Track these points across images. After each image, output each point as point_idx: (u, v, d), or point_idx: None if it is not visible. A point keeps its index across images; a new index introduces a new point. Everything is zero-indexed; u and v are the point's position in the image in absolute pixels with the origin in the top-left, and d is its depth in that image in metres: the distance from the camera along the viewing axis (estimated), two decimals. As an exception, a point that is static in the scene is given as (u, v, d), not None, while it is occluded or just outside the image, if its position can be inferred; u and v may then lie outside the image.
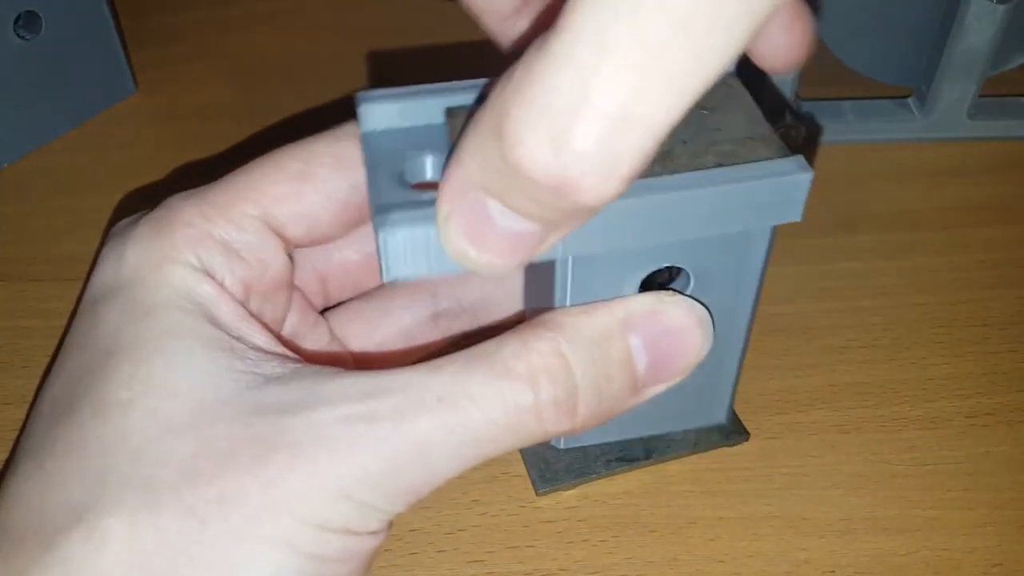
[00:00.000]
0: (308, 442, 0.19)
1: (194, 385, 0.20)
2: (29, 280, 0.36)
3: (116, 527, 0.19)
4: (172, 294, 0.22)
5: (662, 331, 0.22)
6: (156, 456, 0.20)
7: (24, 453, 0.21)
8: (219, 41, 0.47)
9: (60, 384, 0.22)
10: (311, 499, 0.19)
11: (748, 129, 0.22)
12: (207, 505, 0.19)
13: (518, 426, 0.20)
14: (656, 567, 0.27)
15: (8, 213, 0.39)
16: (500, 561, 0.27)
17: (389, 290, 0.28)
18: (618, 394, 0.22)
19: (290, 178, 0.24)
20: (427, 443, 0.20)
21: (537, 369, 0.21)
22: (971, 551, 0.27)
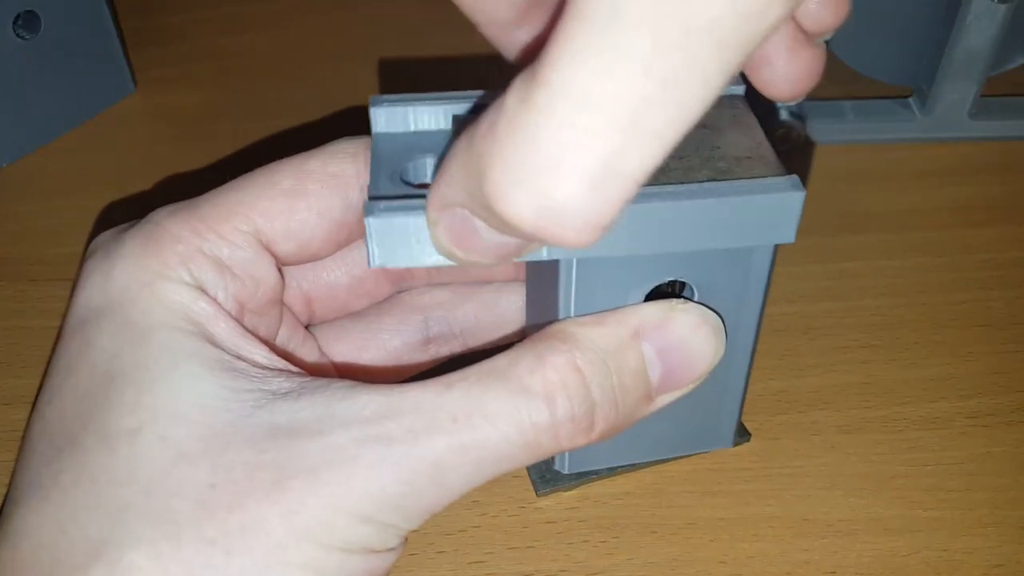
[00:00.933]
0: (325, 466, 0.19)
1: (202, 409, 0.20)
2: (29, 280, 0.36)
3: (140, 562, 0.19)
4: (168, 314, 0.21)
5: (675, 339, 0.22)
6: (171, 487, 0.19)
7: (26, 487, 0.21)
8: (219, 41, 0.47)
9: (55, 411, 0.21)
10: (332, 524, 0.19)
11: (748, 148, 0.22)
12: (229, 536, 0.19)
13: (533, 444, 0.20)
14: (656, 568, 0.27)
15: (8, 213, 0.39)
16: (500, 562, 0.27)
17: (378, 311, 0.28)
18: (633, 405, 0.22)
19: (283, 194, 0.23)
20: (443, 463, 0.20)
21: (553, 385, 0.20)
22: (972, 551, 0.27)
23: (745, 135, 0.23)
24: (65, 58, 0.40)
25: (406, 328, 0.28)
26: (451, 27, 0.47)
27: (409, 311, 0.28)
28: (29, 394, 0.32)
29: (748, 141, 0.22)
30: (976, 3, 0.34)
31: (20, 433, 0.30)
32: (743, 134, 0.23)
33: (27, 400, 0.32)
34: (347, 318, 0.28)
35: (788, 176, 0.21)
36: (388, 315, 0.28)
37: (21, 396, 0.32)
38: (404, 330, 0.28)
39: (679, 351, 0.22)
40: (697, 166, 0.21)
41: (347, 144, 0.24)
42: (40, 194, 0.40)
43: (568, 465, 0.27)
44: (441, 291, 0.28)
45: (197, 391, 0.20)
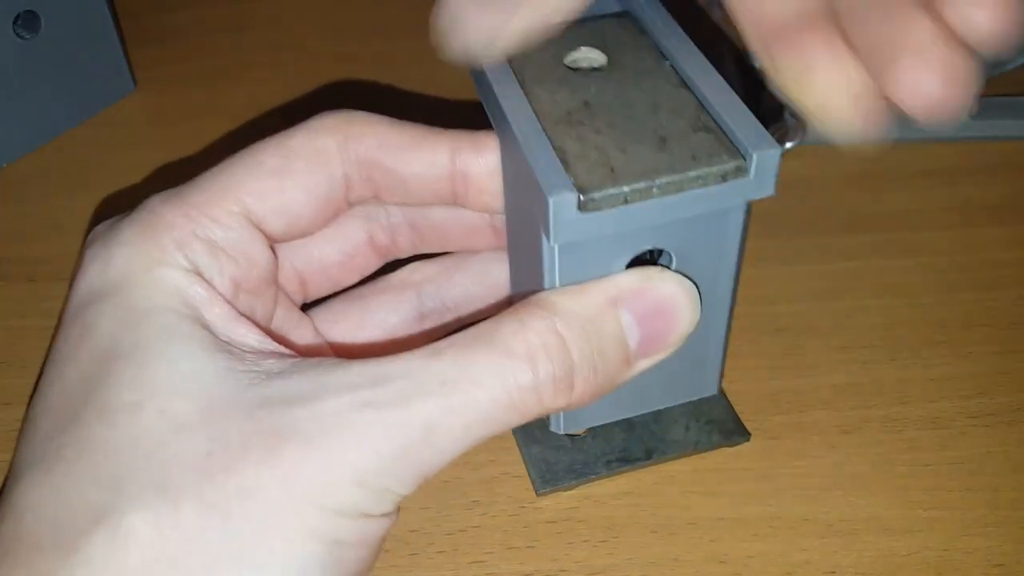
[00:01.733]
0: (319, 431, 0.20)
1: (200, 384, 0.21)
2: (29, 280, 0.36)
3: (139, 525, 0.19)
4: (166, 297, 0.22)
5: (651, 306, 0.23)
6: (170, 455, 0.20)
7: (28, 462, 0.21)
8: (219, 41, 0.47)
9: (57, 392, 0.22)
10: (328, 487, 0.20)
11: (691, 118, 0.23)
12: (227, 500, 0.19)
13: (519, 404, 0.21)
14: (657, 568, 0.27)
15: (8, 213, 0.39)
16: (500, 562, 0.27)
17: (372, 290, 0.29)
18: (612, 369, 0.22)
19: (269, 174, 0.24)
20: (434, 425, 0.20)
21: (535, 348, 0.21)
22: (972, 551, 0.27)
23: (668, 85, 0.23)
24: (65, 58, 0.40)
25: (401, 305, 0.28)
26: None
27: (402, 288, 0.28)
28: (29, 394, 0.32)
29: (678, 99, 0.23)
30: (976, 3, 0.34)
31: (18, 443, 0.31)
32: (665, 84, 0.23)
33: (27, 400, 0.31)
34: (341, 299, 0.29)
35: (760, 134, 0.22)
36: (382, 294, 0.28)
37: (21, 396, 0.32)
38: (399, 307, 0.28)
39: (656, 317, 0.23)
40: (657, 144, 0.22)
41: (328, 119, 0.25)
42: (40, 194, 0.40)
43: (563, 424, 0.27)
44: (431, 266, 0.29)
45: (194, 368, 0.21)
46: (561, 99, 0.23)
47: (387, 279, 0.29)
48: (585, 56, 0.25)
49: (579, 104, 0.23)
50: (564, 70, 0.24)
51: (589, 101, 0.23)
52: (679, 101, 0.23)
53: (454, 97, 0.43)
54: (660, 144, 0.22)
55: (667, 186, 0.21)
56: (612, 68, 0.24)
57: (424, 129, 0.25)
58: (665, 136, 0.22)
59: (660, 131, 0.22)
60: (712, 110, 0.23)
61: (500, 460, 0.29)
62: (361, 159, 0.25)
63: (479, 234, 0.28)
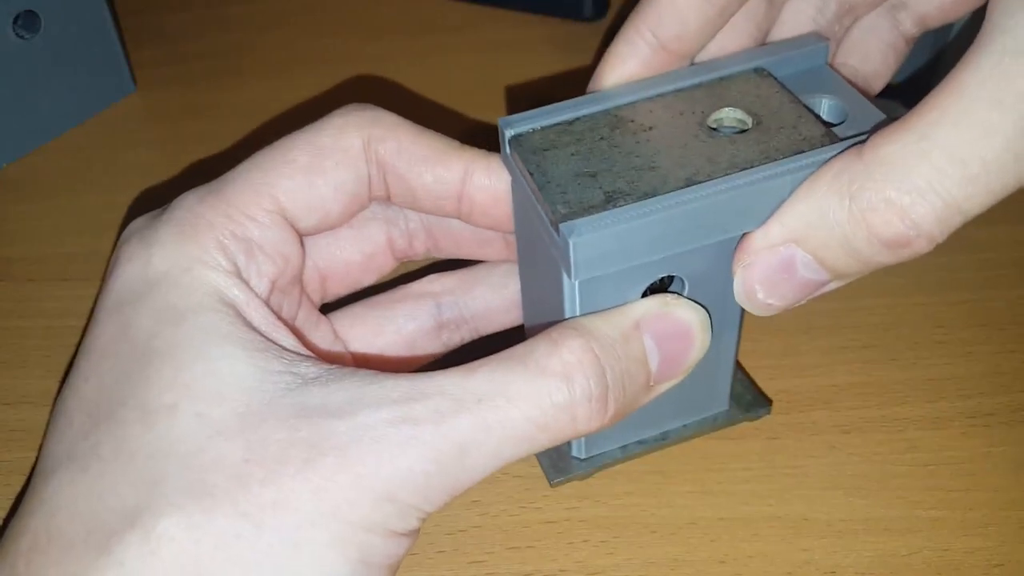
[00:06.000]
0: (354, 445, 0.20)
1: (238, 388, 0.21)
2: (29, 280, 0.36)
3: (172, 530, 0.19)
4: (205, 297, 0.22)
5: (670, 330, 0.23)
6: (207, 461, 0.20)
7: (62, 458, 0.21)
8: (219, 41, 0.47)
9: (93, 387, 0.22)
10: (359, 502, 0.20)
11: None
12: (261, 510, 0.19)
13: (552, 423, 0.21)
14: (657, 568, 0.27)
15: (8, 213, 0.39)
16: (500, 562, 0.27)
17: (392, 297, 0.29)
18: (636, 391, 0.23)
19: (301, 172, 0.24)
20: (468, 443, 0.20)
21: (571, 366, 0.21)
22: (972, 551, 0.27)
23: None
24: (65, 58, 0.40)
25: (419, 313, 0.29)
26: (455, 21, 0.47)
27: (421, 297, 0.29)
28: (29, 394, 0.32)
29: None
30: (976, 3, 0.34)
31: (20, 433, 0.31)
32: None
33: (27, 400, 0.32)
34: (361, 305, 0.29)
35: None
36: (401, 302, 0.29)
37: (21, 396, 0.32)
38: (417, 315, 0.29)
39: (674, 341, 0.24)
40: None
41: (355, 116, 0.25)
42: (40, 194, 0.40)
43: (585, 449, 0.28)
44: (450, 278, 0.29)
45: (233, 371, 0.21)
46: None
47: (406, 288, 0.29)
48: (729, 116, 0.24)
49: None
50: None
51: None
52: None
53: (455, 97, 0.43)
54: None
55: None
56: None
57: (443, 142, 0.26)
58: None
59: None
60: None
61: (500, 460, 0.29)
62: (380, 161, 0.25)
63: (491, 245, 0.28)
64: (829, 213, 0.21)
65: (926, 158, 0.20)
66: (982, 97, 0.20)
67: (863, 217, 0.21)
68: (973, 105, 0.20)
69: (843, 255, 0.22)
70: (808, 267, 0.22)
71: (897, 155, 0.20)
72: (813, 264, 0.22)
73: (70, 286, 0.35)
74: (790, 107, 0.24)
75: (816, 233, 0.22)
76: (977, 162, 0.20)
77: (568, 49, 0.45)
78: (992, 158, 0.20)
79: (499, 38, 0.46)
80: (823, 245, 0.22)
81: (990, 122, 0.19)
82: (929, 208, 0.20)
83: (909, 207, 0.20)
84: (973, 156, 0.20)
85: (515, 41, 0.46)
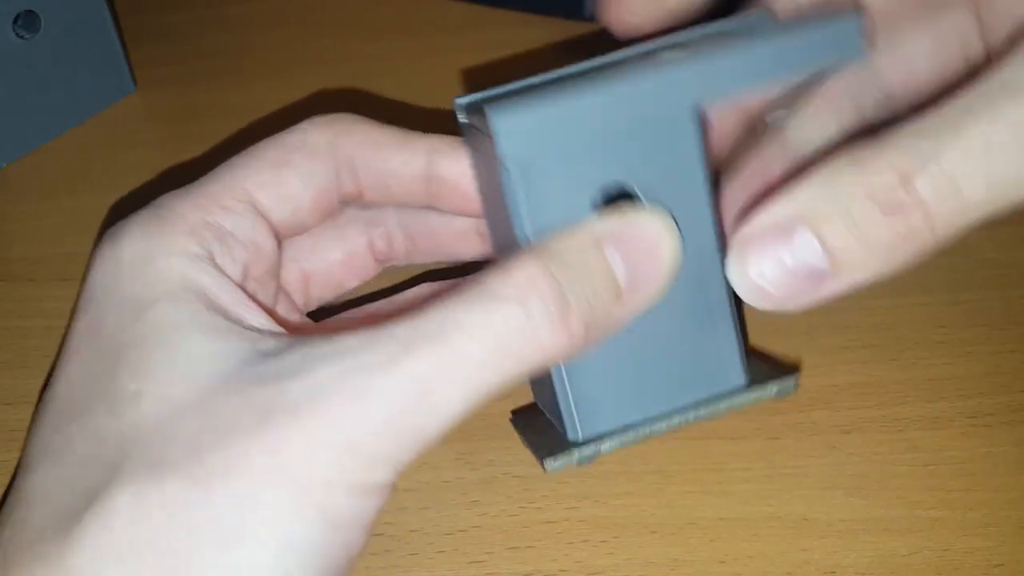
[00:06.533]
0: (306, 402, 0.20)
1: (195, 368, 0.21)
2: (29, 280, 0.36)
3: (123, 502, 0.19)
4: (167, 285, 0.22)
5: (631, 239, 0.23)
6: (163, 437, 0.20)
7: (38, 453, 0.22)
8: (219, 41, 0.47)
9: (64, 386, 0.22)
10: (316, 458, 0.19)
11: None
12: (212, 475, 0.19)
13: (514, 349, 0.20)
14: (657, 568, 0.27)
15: (8, 213, 0.39)
16: (500, 562, 0.27)
17: (381, 306, 0.29)
18: (605, 305, 0.22)
19: (270, 165, 0.26)
20: (426, 383, 0.20)
21: (524, 288, 0.21)
22: (973, 551, 0.27)
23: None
24: (65, 58, 0.40)
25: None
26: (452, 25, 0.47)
27: (412, 305, 0.29)
28: (29, 394, 0.32)
29: None
30: (976, 3, 0.34)
31: (20, 433, 0.31)
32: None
33: (27, 400, 0.32)
34: (349, 313, 0.29)
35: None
36: (391, 308, 0.29)
37: (21, 396, 0.32)
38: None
39: (638, 248, 0.23)
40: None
41: (318, 119, 0.27)
42: (40, 194, 0.40)
43: (580, 428, 0.26)
44: (442, 286, 0.29)
45: (191, 353, 0.21)
46: None
47: (396, 297, 0.29)
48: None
49: None
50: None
51: None
52: None
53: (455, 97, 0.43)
54: None
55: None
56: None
57: (405, 131, 0.27)
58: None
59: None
60: None
61: (500, 460, 0.29)
62: (348, 156, 0.26)
63: (467, 240, 0.29)
64: (835, 183, 0.21)
65: (940, 137, 0.20)
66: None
67: (864, 179, 0.20)
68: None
69: (844, 230, 0.21)
70: (808, 247, 0.21)
71: (909, 133, 0.20)
72: (814, 243, 0.21)
73: (70, 286, 0.35)
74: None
75: (821, 207, 0.21)
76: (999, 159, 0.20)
77: (568, 49, 0.45)
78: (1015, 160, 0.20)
79: (499, 38, 0.46)
80: (826, 219, 0.21)
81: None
82: (929, 178, 0.20)
83: (909, 170, 0.20)
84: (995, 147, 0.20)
85: (515, 41, 0.46)
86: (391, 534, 0.28)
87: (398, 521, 0.28)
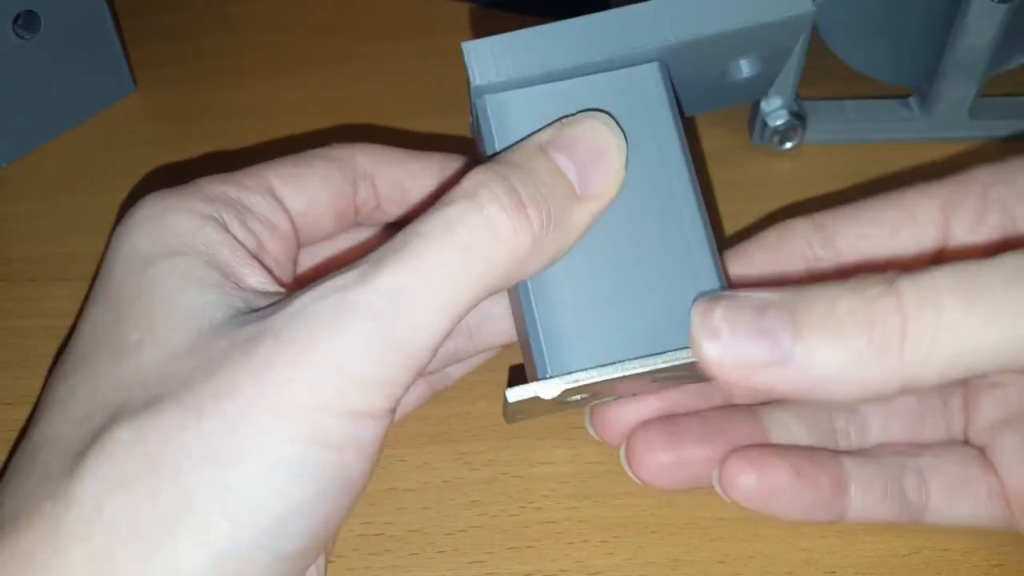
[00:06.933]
0: (287, 327, 0.20)
1: (193, 318, 0.22)
2: (29, 280, 0.36)
3: (122, 435, 0.20)
4: (172, 241, 0.23)
5: (574, 139, 0.23)
6: (161, 377, 0.21)
7: (47, 403, 0.23)
8: (219, 41, 0.47)
9: (76, 341, 0.24)
10: (302, 380, 0.20)
11: None
12: (202, 402, 0.20)
13: (476, 247, 0.21)
14: (657, 568, 0.27)
15: (8, 213, 0.39)
16: (500, 562, 0.27)
17: None
18: (560, 201, 0.22)
19: (291, 164, 0.27)
20: (398, 293, 0.20)
21: (474, 189, 0.21)
22: (972, 551, 0.27)
23: None
24: (65, 58, 0.40)
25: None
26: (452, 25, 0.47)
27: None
28: (29, 394, 0.32)
29: None
30: (976, 3, 0.34)
31: (21, 433, 0.31)
32: None
33: (27, 400, 0.32)
34: None
35: None
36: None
37: (21, 396, 0.32)
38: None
39: (581, 147, 0.23)
40: None
41: (340, 144, 0.28)
42: (40, 194, 0.40)
43: (550, 365, 0.23)
44: None
45: (188, 305, 0.22)
46: None
47: None
48: None
49: None
50: None
51: None
52: None
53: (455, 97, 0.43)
54: None
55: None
56: None
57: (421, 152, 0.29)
58: None
59: None
60: None
61: (500, 460, 0.29)
62: (367, 167, 0.27)
63: None
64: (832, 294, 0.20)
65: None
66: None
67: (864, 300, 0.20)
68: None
69: (818, 313, 0.20)
70: (779, 318, 0.20)
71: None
72: (787, 318, 0.20)
73: (70, 286, 0.35)
74: None
75: (805, 297, 0.20)
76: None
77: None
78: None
79: (499, 37, 0.46)
80: (807, 298, 0.20)
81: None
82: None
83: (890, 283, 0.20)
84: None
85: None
86: (391, 534, 0.28)
87: (398, 521, 0.28)
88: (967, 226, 0.26)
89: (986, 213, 0.25)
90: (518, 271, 0.22)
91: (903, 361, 0.19)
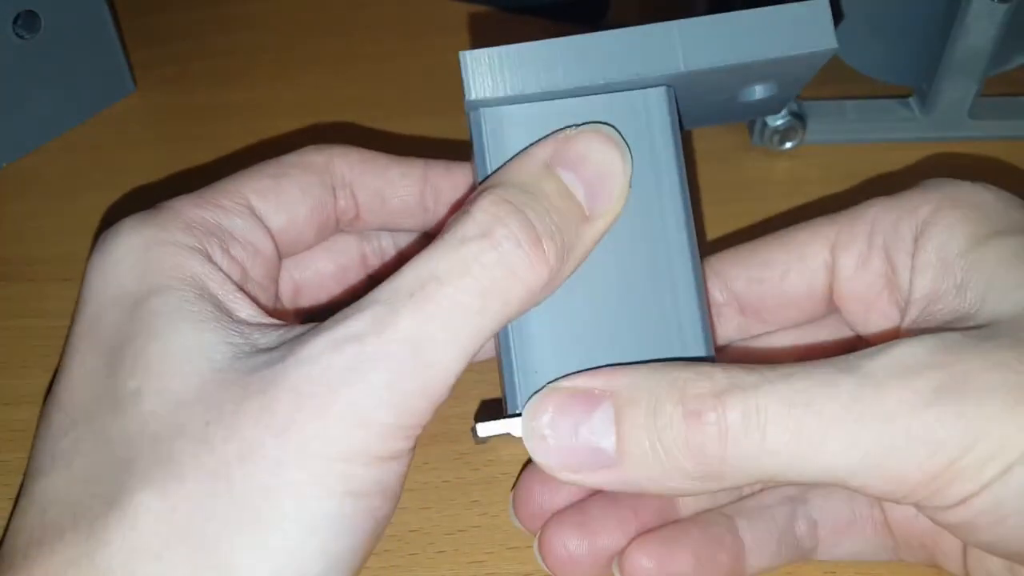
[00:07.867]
0: (305, 382, 0.20)
1: (191, 361, 0.21)
2: (29, 280, 0.36)
3: (148, 502, 0.20)
4: (159, 278, 0.22)
5: (580, 155, 0.23)
6: (172, 432, 0.20)
7: (47, 457, 0.22)
8: (219, 41, 0.47)
9: (67, 388, 0.22)
10: (327, 434, 0.20)
11: None
12: (228, 465, 0.20)
13: (494, 287, 0.21)
14: (656, 567, 0.27)
15: (8, 213, 0.39)
16: (500, 562, 0.27)
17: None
18: (572, 225, 0.22)
19: (268, 176, 0.26)
20: (417, 339, 0.20)
21: (487, 223, 0.21)
22: (972, 551, 0.27)
23: None
24: (65, 58, 0.40)
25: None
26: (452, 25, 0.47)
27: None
28: (29, 394, 0.32)
29: None
30: (976, 3, 0.34)
31: (20, 433, 0.31)
32: None
33: (27, 400, 0.32)
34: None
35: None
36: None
37: (21, 396, 0.32)
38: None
39: (589, 164, 0.23)
40: None
41: (314, 146, 0.27)
42: (40, 194, 0.40)
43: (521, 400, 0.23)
44: None
45: (184, 346, 0.21)
46: None
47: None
48: None
49: None
50: None
51: None
52: None
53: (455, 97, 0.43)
54: None
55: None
56: None
57: (401, 157, 0.28)
58: None
59: None
60: None
61: (500, 460, 0.29)
62: (344, 173, 0.27)
63: None
64: (656, 376, 0.21)
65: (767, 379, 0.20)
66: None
67: (683, 383, 0.20)
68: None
69: (642, 418, 0.20)
70: (604, 424, 0.21)
71: (735, 369, 0.21)
72: (610, 422, 0.21)
73: (70, 286, 0.35)
74: None
75: (634, 392, 0.21)
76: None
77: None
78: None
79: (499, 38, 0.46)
80: (632, 402, 0.21)
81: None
82: (740, 407, 0.20)
83: (726, 391, 0.20)
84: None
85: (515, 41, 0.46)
86: (391, 534, 0.28)
87: (398, 521, 0.28)
88: (852, 268, 0.26)
89: (870, 258, 0.25)
90: (532, 302, 0.22)
91: (722, 481, 0.20)
